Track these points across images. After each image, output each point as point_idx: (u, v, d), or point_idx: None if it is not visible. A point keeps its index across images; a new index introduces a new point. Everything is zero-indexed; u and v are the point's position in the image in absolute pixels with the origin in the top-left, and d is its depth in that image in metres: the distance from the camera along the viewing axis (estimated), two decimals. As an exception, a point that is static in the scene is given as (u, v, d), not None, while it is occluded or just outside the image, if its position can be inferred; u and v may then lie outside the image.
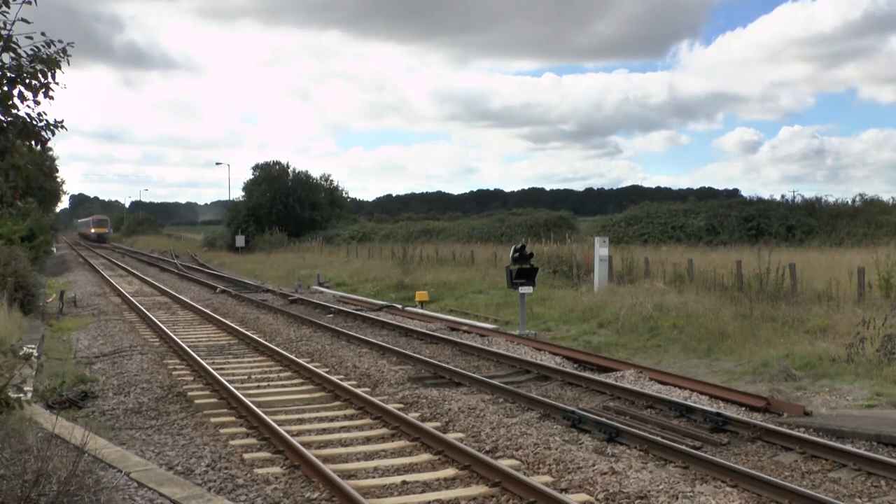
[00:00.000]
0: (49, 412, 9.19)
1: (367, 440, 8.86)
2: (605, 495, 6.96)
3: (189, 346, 14.57)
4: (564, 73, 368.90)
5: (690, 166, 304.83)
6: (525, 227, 46.73)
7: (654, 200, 60.69)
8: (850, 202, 45.91)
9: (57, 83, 7.05)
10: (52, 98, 7.06)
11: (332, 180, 70.57)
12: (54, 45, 6.95)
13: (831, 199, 49.63)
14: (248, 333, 16.62)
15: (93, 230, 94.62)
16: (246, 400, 10.09)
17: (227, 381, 11.42)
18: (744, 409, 9.92)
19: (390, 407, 9.89)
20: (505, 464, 7.64)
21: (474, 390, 11.25)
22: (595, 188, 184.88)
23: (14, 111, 7.06)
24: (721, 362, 13.14)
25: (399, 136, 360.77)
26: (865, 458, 7.66)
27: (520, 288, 16.44)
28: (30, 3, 6.71)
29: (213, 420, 9.70)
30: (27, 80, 6.94)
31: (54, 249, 51.38)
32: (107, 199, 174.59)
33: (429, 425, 9.04)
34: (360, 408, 10.17)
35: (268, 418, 9.13)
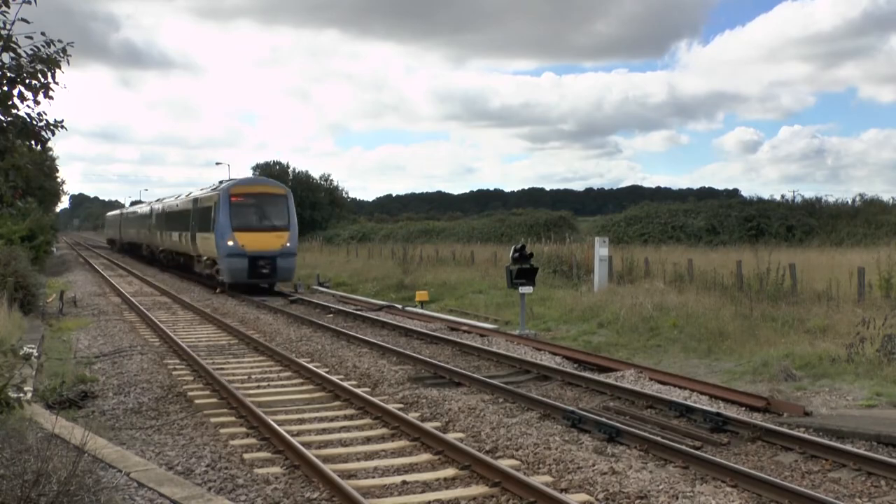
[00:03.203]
0: (49, 412, 9.18)
1: (367, 440, 8.86)
2: (605, 495, 6.96)
3: (189, 347, 14.58)
4: (564, 73, 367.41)
5: (690, 166, 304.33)
6: (525, 227, 46.81)
7: (654, 200, 60.89)
8: (850, 202, 46.21)
9: (57, 83, 7.07)
10: (51, 98, 7.07)
11: (331, 180, 70.76)
12: (54, 45, 6.96)
13: (831, 199, 49.88)
14: (248, 333, 16.63)
15: (229, 241, 25.49)
16: (246, 400, 10.09)
17: (227, 381, 11.42)
18: (744, 409, 9.92)
19: (390, 407, 9.89)
20: (505, 464, 7.64)
21: (474, 390, 11.25)
22: (595, 188, 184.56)
23: (14, 111, 7.07)
24: (721, 362, 13.14)
25: (398, 135, 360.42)
26: (865, 458, 7.66)
27: (520, 288, 16.45)
28: (29, 2, 6.72)
29: (213, 420, 9.70)
30: (27, 80, 6.95)
31: (55, 250, 51.35)
32: (107, 199, 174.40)
33: (429, 425, 9.04)
34: (360, 408, 10.17)
35: (268, 418, 9.13)
